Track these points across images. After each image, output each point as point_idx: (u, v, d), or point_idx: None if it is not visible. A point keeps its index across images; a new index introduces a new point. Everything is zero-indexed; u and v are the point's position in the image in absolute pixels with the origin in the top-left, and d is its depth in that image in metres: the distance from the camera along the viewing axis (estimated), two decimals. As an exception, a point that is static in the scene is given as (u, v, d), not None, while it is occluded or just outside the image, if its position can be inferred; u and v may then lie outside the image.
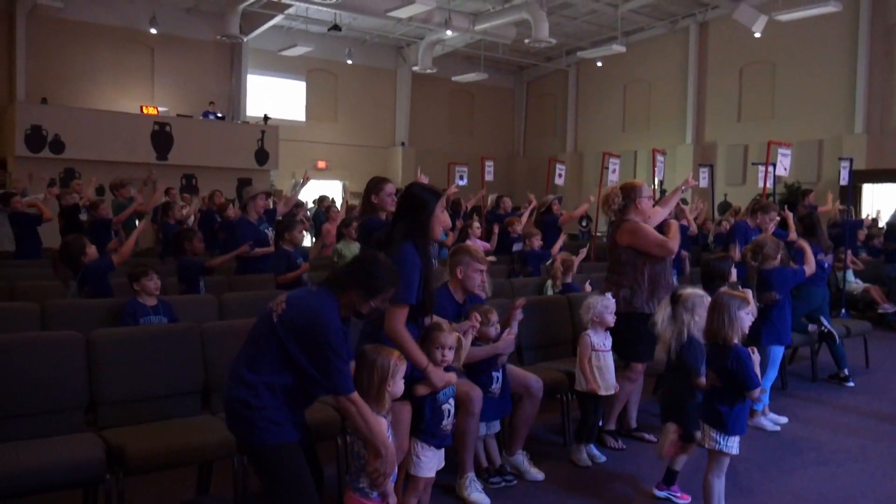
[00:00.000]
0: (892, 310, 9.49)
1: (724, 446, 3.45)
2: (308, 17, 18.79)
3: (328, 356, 2.72)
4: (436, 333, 3.34)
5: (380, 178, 4.81)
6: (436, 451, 3.31)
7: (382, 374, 2.85)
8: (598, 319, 4.36)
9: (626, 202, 4.65)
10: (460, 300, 4.03)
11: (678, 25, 20.63)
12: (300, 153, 20.61)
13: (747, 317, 3.50)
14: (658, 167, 9.32)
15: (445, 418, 3.31)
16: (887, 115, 17.02)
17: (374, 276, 2.86)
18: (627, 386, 4.66)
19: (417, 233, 3.39)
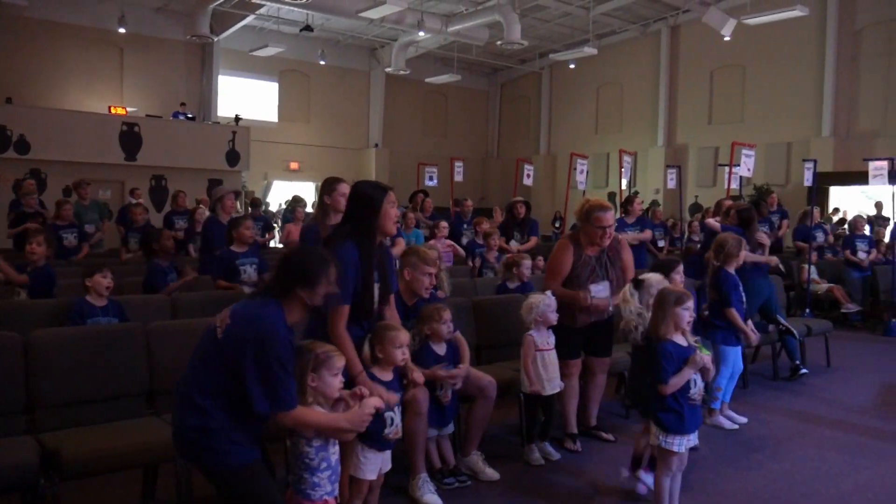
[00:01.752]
0: (855, 309, 9.61)
1: (665, 443, 3.45)
2: (280, 17, 18.66)
3: (275, 370, 2.60)
4: (393, 333, 3.29)
5: (333, 179, 4.75)
6: (378, 453, 3.25)
7: (302, 367, 2.74)
8: (541, 319, 4.31)
9: (581, 220, 4.58)
10: (409, 302, 3.99)
11: (650, 29, 20.79)
12: (272, 154, 20.48)
13: (685, 312, 3.49)
14: (625, 168, 9.34)
15: (388, 426, 3.24)
16: (854, 119, 17.27)
17: (303, 266, 2.76)
18: (570, 383, 4.62)
19: (363, 231, 3.34)
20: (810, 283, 9.53)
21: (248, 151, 17.88)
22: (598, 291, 4.50)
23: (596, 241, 4.51)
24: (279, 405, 2.62)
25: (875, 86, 16.87)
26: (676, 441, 3.46)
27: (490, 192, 24.22)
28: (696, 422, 3.55)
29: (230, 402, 2.64)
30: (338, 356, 2.82)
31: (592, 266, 4.53)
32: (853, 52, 17.18)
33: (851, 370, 7.15)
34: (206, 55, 19.21)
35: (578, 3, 18.29)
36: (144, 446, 3.30)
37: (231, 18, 17.83)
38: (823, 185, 16.01)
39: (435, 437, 4.03)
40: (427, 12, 17.69)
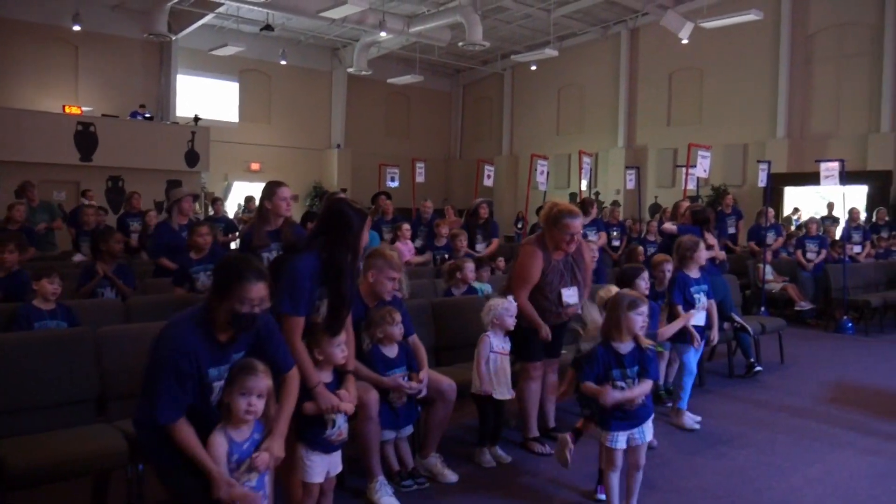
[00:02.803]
0: (809, 307, 9.82)
1: (606, 440, 3.51)
2: (240, 16, 18.44)
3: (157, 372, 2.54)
4: (325, 337, 3.27)
5: (274, 182, 4.72)
6: (324, 455, 3.22)
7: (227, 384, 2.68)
8: (497, 322, 4.30)
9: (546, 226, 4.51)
10: (370, 304, 3.96)
11: (609, 31, 21.01)
12: (233, 155, 20.22)
13: (638, 317, 3.52)
14: (584, 169, 9.43)
15: (330, 428, 3.21)
16: (807, 121, 17.67)
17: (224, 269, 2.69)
18: (531, 386, 4.63)
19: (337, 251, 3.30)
20: (765, 282, 9.72)
21: (207, 152, 17.62)
22: (569, 297, 4.51)
23: (562, 247, 4.45)
24: (154, 415, 2.53)
25: (827, 89, 17.28)
26: (621, 437, 3.51)
27: (453, 192, 24.24)
28: (637, 420, 3.56)
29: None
30: (254, 377, 2.65)
31: (561, 271, 4.51)
32: (806, 55, 17.58)
33: (804, 366, 7.31)
34: (165, 54, 18.87)
35: (539, 5, 18.41)
36: (94, 454, 3.23)
37: (189, 17, 17.56)
38: (778, 185, 16.35)
39: (393, 439, 4.01)
40: (389, 13, 17.64)
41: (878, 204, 14.36)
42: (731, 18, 14.97)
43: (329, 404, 3.15)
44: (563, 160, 21.35)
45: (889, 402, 5.96)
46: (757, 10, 14.86)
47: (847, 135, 16.82)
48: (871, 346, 8.47)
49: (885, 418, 5.48)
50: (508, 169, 23.61)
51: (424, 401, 4.13)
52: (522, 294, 4.45)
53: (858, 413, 5.63)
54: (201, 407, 2.67)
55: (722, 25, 15.39)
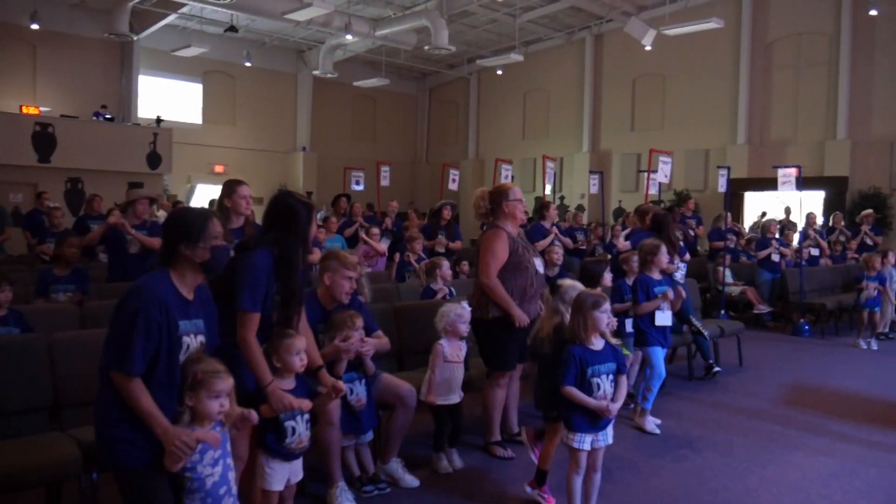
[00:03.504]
0: (767, 310, 10.02)
1: (575, 442, 3.53)
2: (203, 17, 18.21)
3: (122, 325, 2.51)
4: (288, 341, 3.22)
5: (234, 181, 4.70)
6: (284, 463, 3.19)
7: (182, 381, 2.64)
8: (451, 328, 4.27)
9: (493, 206, 4.61)
10: (328, 307, 3.95)
11: (575, 37, 21.20)
12: (196, 157, 19.97)
13: (603, 315, 3.56)
14: (548, 174, 9.50)
15: (290, 436, 3.17)
16: (766, 127, 18.02)
17: (182, 222, 2.74)
18: (498, 393, 4.63)
19: (288, 245, 3.27)
20: (725, 286, 9.88)
21: (170, 154, 17.38)
22: (539, 266, 4.58)
23: (518, 216, 4.59)
24: (114, 363, 2.50)
25: (785, 96, 17.65)
26: (587, 439, 3.53)
27: (419, 196, 24.24)
28: (605, 421, 3.59)
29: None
30: (221, 378, 2.65)
31: (523, 245, 4.60)
32: (765, 63, 17.93)
33: (762, 369, 7.45)
34: (126, 54, 18.56)
35: (505, 10, 18.49)
36: (47, 464, 3.17)
37: (152, 17, 17.30)
38: (738, 190, 16.64)
39: (353, 444, 4.00)
40: (355, 16, 17.58)
41: (835, 209, 14.69)
42: (692, 26, 15.20)
43: (282, 404, 3.09)
44: (529, 164, 21.48)
45: (842, 403, 6.10)
46: (718, 18, 15.11)
47: (805, 141, 17.19)
48: (826, 349, 8.66)
49: (838, 419, 5.61)
50: (474, 173, 23.67)
51: (385, 406, 4.12)
52: (493, 273, 4.42)
53: (813, 414, 5.76)
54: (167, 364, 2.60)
55: (684, 33, 15.62)
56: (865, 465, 4.57)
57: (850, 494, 4.11)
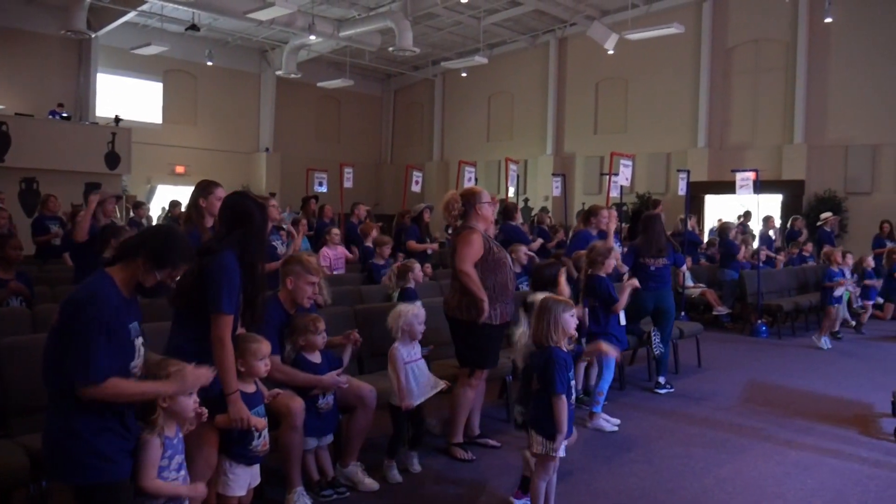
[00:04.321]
0: (725, 312, 10.18)
1: (549, 449, 3.52)
2: (164, 15, 17.96)
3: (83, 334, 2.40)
4: (255, 346, 3.19)
5: (209, 182, 4.63)
6: (246, 468, 3.16)
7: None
8: (407, 329, 4.23)
9: (467, 208, 4.64)
10: (290, 310, 3.91)
11: (538, 40, 21.35)
12: (157, 157, 19.68)
13: (571, 319, 3.58)
14: (511, 176, 9.55)
15: (255, 440, 3.15)
16: (726, 131, 18.34)
17: (165, 244, 2.62)
18: (469, 393, 4.64)
19: (248, 244, 3.25)
20: (685, 288, 10.02)
21: (129, 154, 17.04)
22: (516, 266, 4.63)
23: (489, 217, 4.64)
24: (87, 375, 2.39)
25: (744, 101, 17.99)
26: (560, 445, 3.54)
27: (384, 198, 24.18)
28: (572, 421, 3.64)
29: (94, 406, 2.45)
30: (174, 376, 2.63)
31: (497, 246, 4.65)
32: (725, 68, 18.26)
33: (720, 369, 7.56)
34: (84, 52, 18.18)
35: (469, 12, 18.55)
36: (-9, 471, 3.07)
37: (110, 14, 16.98)
38: (699, 193, 16.90)
39: (313, 448, 3.96)
40: (318, 16, 17.48)
41: (793, 212, 15.00)
42: (654, 31, 15.42)
43: (239, 416, 3.06)
44: (494, 166, 21.56)
45: (797, 402, 6.22)
46: (679, 23, 15.35)
47: (763, 145, 17.54)
48: (782, 349, 8.83)
49: (793, 418, 5.72)
50: (439, 174, 23.70)
51: (345, 408, 4.09)
52: (470, 264, 4.44)
53: (769, 413, 5.86)
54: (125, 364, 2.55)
55: (645, 38, 15.83)
56: (818, 464, 4.66)
57: (803, 492, 4.19)
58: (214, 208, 4.48)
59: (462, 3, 16.60)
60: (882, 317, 10.57)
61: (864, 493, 4.19)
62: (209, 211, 4.49)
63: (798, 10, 16.72)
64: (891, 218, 12.87)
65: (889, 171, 15.97)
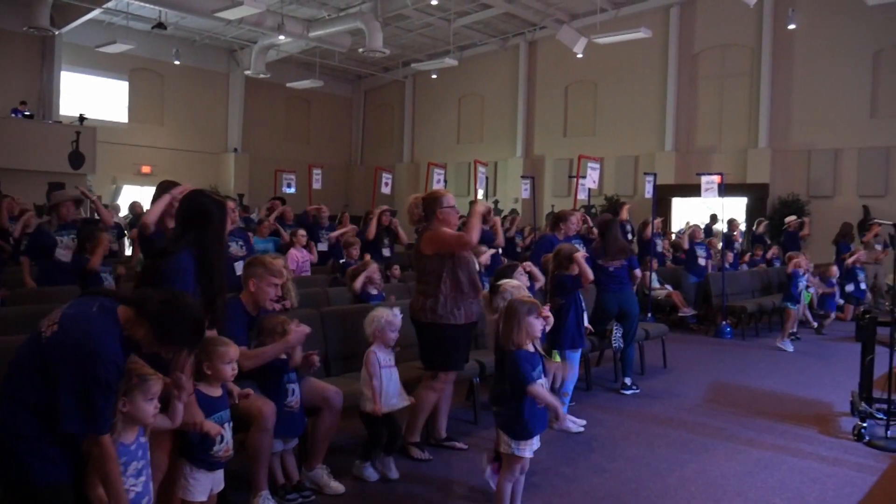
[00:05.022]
0: (691, 313, 10.31)
1: (516, 450, 3.54)
2: (130, 12, 17.68)
3: (91, 389, 2.41)
4: (222, 349, 3.15)
5: (171, 182, 4.59)
6: (208, 473, 3.12)
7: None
8: (379, 335, 4.21)
9: (427, 212, 4.64)
10: (253, 313, 3.89)
11: (509, 43, 21.45)
12: (122, 157, 19.39)
13: (537, 321, 3.60)
14: (480, 178, 9.58)
15: (217, 444, 3.10)
16: (693, 135, 18.60)
17: (175, 323, 2.58)
18: (431, 396, 4.63)
19: (206, 244, 3.21)
20: (651, 290, 10.13)
21: (94, 153, 16.81)
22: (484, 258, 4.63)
23: (452, 223, 4.60)
24: (93, 426, 2.44)
25: (711, 105, 18.26)
26: (528, 447, 3.56)
27: (354, 199, 24.07)
28: (543, 425, 3.66)
29: (44, 411, 2.43)
30: (154, 380, 2.64)
31: None
32: (692, 73, 18.51)
33: (685, 370, 7.67)
34: (47, 49, 17.84)
35: (440, 14, 18.57)
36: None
37: (75, 11, 16.67)
38: (666, 196, 17.11)
39: (279, 451, 3.93)
40: (288, 16, 17.36)
41: (757, 215, 15.25)
42: (622, 35, 15.56)
43: (192, 420, 3.02)
44: (464, 168, 21.61)
45: (759, 402, 6.33)
46: (646, 28, 15.52)
47: (729, 149, 17.81)
48: (746, 350, 8.97)
49: (755, 417, 5.81)
50: (410, 176, 23.68)
51: (311, 410, 4.07)
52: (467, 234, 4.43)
53: (732, 413, 5.95)
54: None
55: (614, 42, 15.97)
56: (778, 462, 4.75)
57: (763, 490, 4.26)
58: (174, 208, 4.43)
59: (432, 4, 16.61)
60: (843, 318, 10.80)
61: (822, 490, 4.28)
62: (169, 212, 4.44)
63: (762, 17, 17.01)
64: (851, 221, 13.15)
65: (850, 175, 16.31)
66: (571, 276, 5.47)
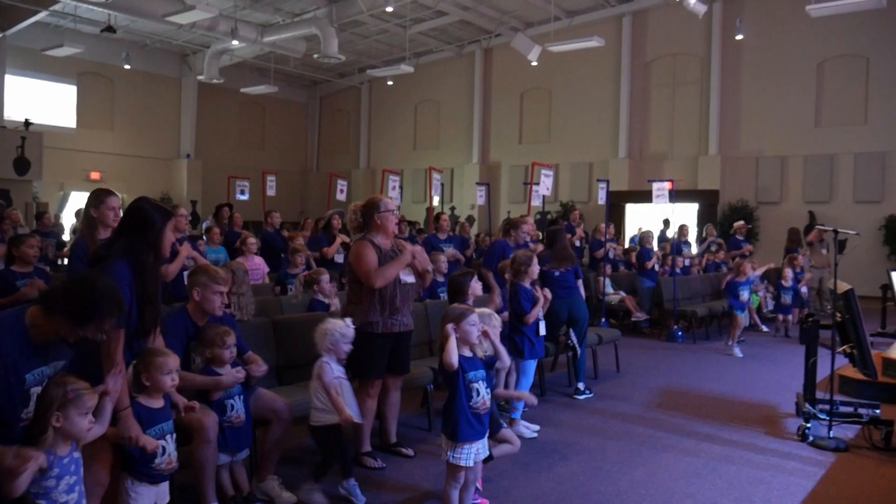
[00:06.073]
0: (644, 318, 10.47)
1: (453, 458, 3.56)
2: (78, 15, 17.32)
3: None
4: (161, 359, 3.09)
5: (102, 191, 4.48)
6: (150, 486, 3.05)
7: (46, 404, 2.50)
8: (332, 348, 4.09)
9: (365, 219, 4.61)
10: (199, 322, 3.82)
11: (464, 50, 21.58)
12: (70, 163, 18.97)
13: (472, 328, 3.63)
14: (435, 185, 9.59)
15: (159, 456, 3.04)
16: (645, 142, 18.93)
17: (86, 301, 2.55)
18: (368, 402, 4.58)
19: (141, 251, 3.15)
20: (605, 295, 10.26)
21: (40, 159, 16.37)
22: (405, 276, 4.57)
23: (390, 228, 4.58)
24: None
25: (663, 113, 18.62)
26: (463, 455, 3.56)
27: (310, 205, 23.91)
28: (483, 431, 3.67)
29: None
30: (89, 395, 2.58)
31: (391, 258, 4.57)
32: (644, 81, 18.86)
33: (637, 374, 7.77)
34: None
35: (396, 21, 18.60)
36: None
37: (20, 13, 16.27)
38: (619, 202, 17.37)
39: (228, 463, 3.87)
40: (241, 21, 17.19)
41: (708, 220, 15.58)
42: (575, 44, 15.78)
43: (127, 434, 2.95)
44: (421, 175, 21.63)
45: (709, 405, 6.45)
46: (599, 37, 15.77)
47: (680, 156, 18.18)
48: (697, 353, 9.13)
49: (704, 420, 5.92)
50: (366, 182, 23.62)
51: (260, 422, 4.02)
52: (375, 274, 4.39)
53: (682, 416, 6.05)
54: (9, 417, 2.51)
55: (567, 50, 16.18)
56: (726, 464, 4.83)
57: (712, 492, 4.33)
58: (107, 219, 4.35)
59: (388, 11, 16.62)
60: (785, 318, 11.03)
61: (768, 490, 4.37)
62: (101, 221, 4.35)
63: (711, 27, 17.42)
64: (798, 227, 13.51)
65: (796, 181, 16.78)
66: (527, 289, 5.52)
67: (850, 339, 5.37)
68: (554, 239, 6.83)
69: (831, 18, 14.38)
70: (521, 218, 6.96)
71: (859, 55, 16.05)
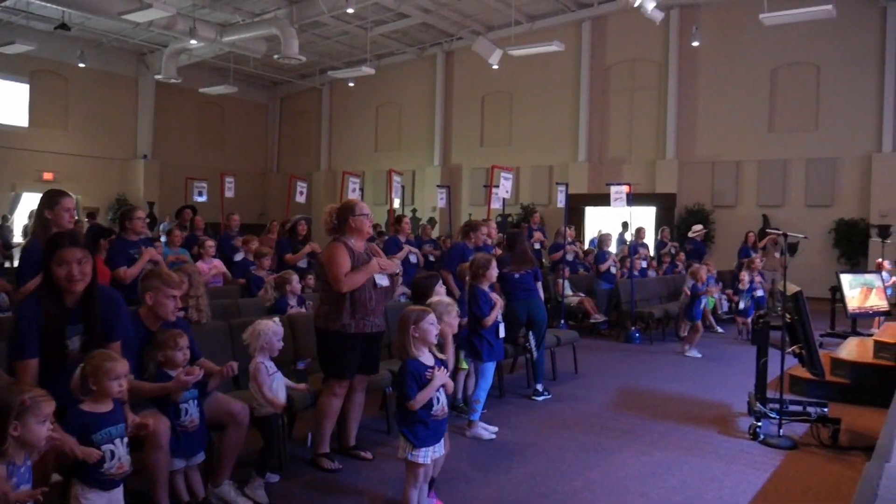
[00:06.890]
0: (602, 319, 10.60)
1: (412, 456, 3.58)
2: (30, 12, 16.92)
3: None
4: (109, 364, 3.04)
5: (56, 192, 4.41)
6: (102, 493, 3.00)
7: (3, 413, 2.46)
8: (266, 346, 4.20)
9: (341, 221, 4.64)
10: (152, 327, 3.78)
11: (426, 52, 21.61)
12: (22, 163, 18.52)
13: (431, 327, 3.66)
14: (395, 187, 9.60)
15: (108, 461, 2.98)
16: (605, 146, 19.18)
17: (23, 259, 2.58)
18: (333, 402, 4.60)
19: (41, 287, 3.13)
20: (564, 297, 10.37)
21: (-10, 159, 15.99)
22: (381, 280, 4.57)
23: (364, 229, 4.61)
24: None
25: (621, 117, 18.89)
26: (422, 454, 3.59)
27: (270, 207, 23.71)
28: (440, 434, 3.71)
29: None
30: (46, 401, 2.55)
31: (366, 259, 4.59)
32: (603, 86, 19.11)
33: (595, 375, 7.86)
34: (-62, 49, 16.92)
35: (357, 22, 18.54)
36: None
37: (-31, 9, 15.90)
38: (579, 205, 17.57)
39: (182, 468, 3.82)
40: (200, 20, 16.98)
41: (665, 223, 15.84)
42: (535, 48, 15.92)
43: (61, 447, 2.86)
44: (382, 177, 21.49)
45: (664, 405, 6.56)
46: (559, 41, 15.93)
47: (638, 160, 18.45)
48: (653, 354, 9.28)
49: (659, 420, 6.02)
50: (327, 184, 23.49)
51: (216, 426, 3.98)
52: (345, 280, 4.40)
53: (638, 416, 6.14)
54: None
55: (527, 54, 16.32)
56: (680, 463, 4.93)
57: (665, 491, 4.42)
58: (61, 220, 4.28)
59: (349, 13, 16.57)
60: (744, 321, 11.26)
61: (719, 488, 4.47)
62: (56, 223, 4.28)
63: (669, 34, 17.73)
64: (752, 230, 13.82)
65: (750, 185, 17.16)
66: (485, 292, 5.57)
67: (799, 340, 5.51)
68: (513, 242, 6.90)
69: (784, 27, 14.75)
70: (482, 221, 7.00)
71: (811, 63, 16.49)
